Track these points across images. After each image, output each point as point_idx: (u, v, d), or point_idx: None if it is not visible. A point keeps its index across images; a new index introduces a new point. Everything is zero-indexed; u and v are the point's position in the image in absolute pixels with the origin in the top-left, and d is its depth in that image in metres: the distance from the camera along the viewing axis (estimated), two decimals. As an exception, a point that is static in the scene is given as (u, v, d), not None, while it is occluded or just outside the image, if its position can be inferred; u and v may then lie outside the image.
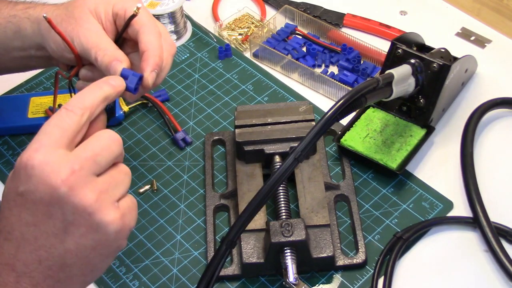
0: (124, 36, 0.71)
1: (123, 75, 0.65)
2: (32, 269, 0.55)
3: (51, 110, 0.88)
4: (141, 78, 0.65)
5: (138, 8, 0.66)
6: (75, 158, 0.54)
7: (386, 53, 0.85)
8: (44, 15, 0.64)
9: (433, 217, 0.79)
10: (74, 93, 0.69)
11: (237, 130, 0.81)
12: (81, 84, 0.73)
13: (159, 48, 0.68)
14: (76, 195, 0.53)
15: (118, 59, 0.67)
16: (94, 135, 0.57)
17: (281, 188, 0.77)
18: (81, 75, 0.73)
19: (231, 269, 0.75)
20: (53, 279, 0.55)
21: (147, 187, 0.84)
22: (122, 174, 0.58)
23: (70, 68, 0.75)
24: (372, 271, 0.74)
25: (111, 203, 0.55)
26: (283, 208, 0.76)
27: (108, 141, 0.57)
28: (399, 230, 0.77)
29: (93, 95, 0.58)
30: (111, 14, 0.71)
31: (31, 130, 0.90)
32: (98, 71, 0.70)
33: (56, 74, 0.77)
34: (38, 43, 0.74)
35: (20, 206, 0.54)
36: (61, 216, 0.54)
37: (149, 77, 0.67)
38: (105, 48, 0.68)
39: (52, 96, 0.92)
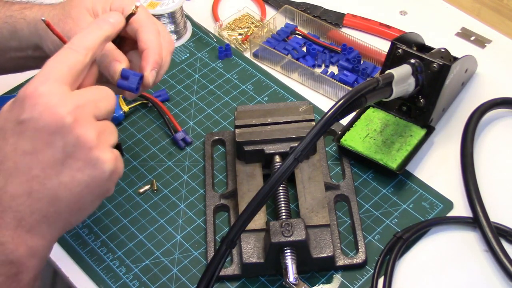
0: (122, 35, 0.71)
1: (124, 76, 0.65)
2: (20, 202, 0.55)
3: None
4: (141, 77, 0.66)
5: (136, 7, 0.66)
6: (79, 96, 0.56)
7: (386, 53, 0.85)
8: (43, 18, 0.64)
9: (433, 217, 0.79)
10: None
11: (237, 130, 0.81)
12: None
13: (158, 46, 0.68)
14: (80, 127, 0.55)
15: (117, 59, 0.67)
16: (94, 86, 0.59)
17: (281, 188, 0.77)
18: None
19: (231, 269, 0.75)
20: (41, 213, 0.56)
21: (147, 187, 0.84)
22: (112, 127, 0.60)
23: None
24: (372, 271, 0.74)
25: (108, 145, 0.57)
26: (283, 208, 0.76)
27: (107, 93, 0.59)
28: (399, 230, 0.77)
29: (95, 35, 0.60)
30: (112, 7, 0.70)
31: (31, 130, 0.90)
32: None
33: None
34: (35, 44, 0.74)
35: (19, 135, 0.54)
36: (61, 146, 0.54)
37: (150, 76, 0.67)
38: (101, 48, 0.67)
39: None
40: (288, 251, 0.71)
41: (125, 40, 0.72)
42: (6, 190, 0.54)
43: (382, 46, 0.94)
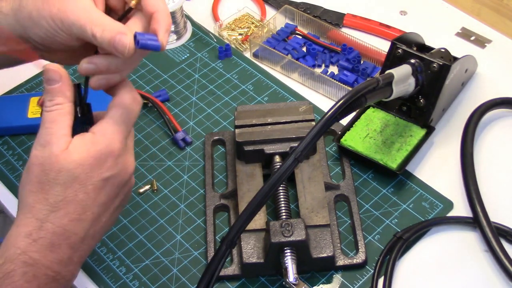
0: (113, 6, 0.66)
1: (142, 45, 0.61)
2: (85, 244, 0.62)
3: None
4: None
5: (136, 1, 0.62)
6: (131, 142, 0.66)
7: (386, 53, 0.85)
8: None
9: (433, 217, 0.79)
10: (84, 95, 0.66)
11: (237, 130, 0.81)
12: (85, 65, 0.65)
13: (166, 8, 0.64)
14: (132, 174, 0.65)
15: (121, 31, 0.62)
16: (131, 104, 0.64)
17: (281, 188, 0.77)
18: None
19: (231, 269, 0.75)
20: (93, 246, 0.64)
21: (147, 187, 0.84)
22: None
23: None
24: (372, 271, 0.74)
25: None
26: (283, 208, 0.76)
27: (138, 108, 0.65)
28: (399, 230, 0.77)
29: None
30: None
31: (31, 130, 0.90)
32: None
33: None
34: (19, 35, 0.68)
35: (100, 189, 0.61)
36: (124, 193, 0.64)
37: (164, 39, 0.63)
38: (101, 23, 0.62)
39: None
40: (288, 251, 0.71)
41: (116, 11, 0.67)
42: (81, 235, 0.61)
43: (382, 46, 0.94)
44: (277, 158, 0.80)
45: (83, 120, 0.64)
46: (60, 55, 0.69)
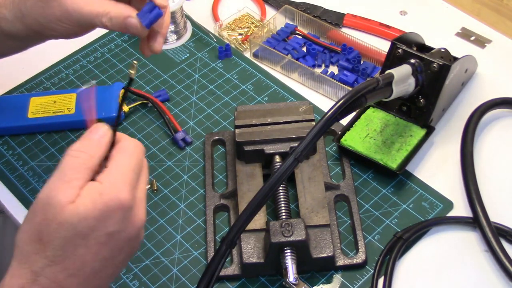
0: None
1: (148, 24, 0.64)
2: None
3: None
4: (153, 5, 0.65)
5: (134, 68, 0.62)
6: (143, 194, 0.59)
7: (386, 53, 0.85)
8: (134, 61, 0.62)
9: (433, 217, 0.79)
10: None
11: (237, 130, 0.81)
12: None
13: None
14: (143, 229, 0.60)
15: (125, 15, 0.66)
16: (135, 155, 0.59)
17: (281, 188, 0.77)
18: None
19: (231, 269, 0.75)
20: None
21: (147, 187, 0.84)
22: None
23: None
24: (372, 271, 0.74)
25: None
26: (283, 208, 0.76)
27: (142, 155, 0.60)
28: (399, 230, 0.77)
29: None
30: None
31: (31, 130, 0.90)
32: None
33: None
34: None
35: (103, 244, 0.55)
36: (131, 248, 0.59)
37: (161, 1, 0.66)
38: (106, 12, 0.66)
39: (52, 96, 0.92)
40: (288, 251, 0.71)
41: None
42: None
43: (382, 46, 0.94)
44: (277, 158, 0.80)
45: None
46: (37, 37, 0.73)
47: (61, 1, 0.67)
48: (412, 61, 0.82)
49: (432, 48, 0.89)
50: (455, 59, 0.87)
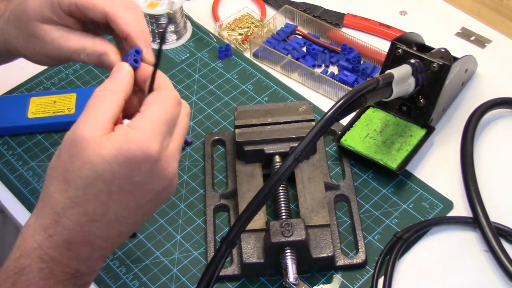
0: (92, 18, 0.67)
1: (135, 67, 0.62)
2: (109, 243, 0.57)
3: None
4: (138, 51, 0.63)
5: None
6: (177, 148, 0.58)
7: (386, 53, 0.85)
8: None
9: (433, 217, 0.79)
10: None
11: (237, 130, 0.81)
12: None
13: (138, 26, 0.65)
14: (176, 178, 0.58)
15: (103, 51, 0.65)
16: (181, 128, 0.59)
17: (281, 188, 0.77)
18: None
19: (231, 269, 0.75)
20: (118, 243, 0.59)
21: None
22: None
23: None
24: (372, 271, 0.74)
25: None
26: (283, 208, 0.76)
27: (179, 109, 0.59)
28: (399, 230, 0.77)
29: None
30: (62, 8, 0.66)
31: (31, 130, 0.90)
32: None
33: None
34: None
35: (128, 193, 0.55)
36: (162, 198, 0.58)
37: (150, 57, 0.64)
38: (84, 48, 0.66)
39: (52, 96, 0.92)
40: (288, 251, 0.71)
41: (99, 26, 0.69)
42: (101, 236, 0.56)
43: (382, 46, 0.94)
44: (277, 158, 0.80)
45: None
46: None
47: (42, 38, 0.67)
48: (412, 61, 0.82)
49: (432, 48, 0.89)
50: (455, 59, 0.87)
